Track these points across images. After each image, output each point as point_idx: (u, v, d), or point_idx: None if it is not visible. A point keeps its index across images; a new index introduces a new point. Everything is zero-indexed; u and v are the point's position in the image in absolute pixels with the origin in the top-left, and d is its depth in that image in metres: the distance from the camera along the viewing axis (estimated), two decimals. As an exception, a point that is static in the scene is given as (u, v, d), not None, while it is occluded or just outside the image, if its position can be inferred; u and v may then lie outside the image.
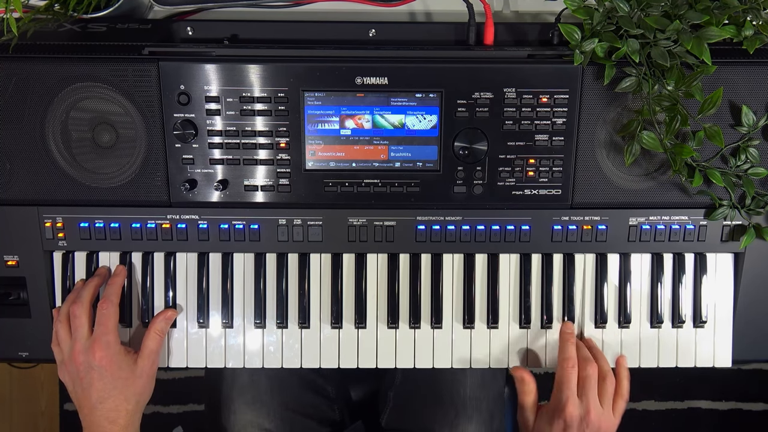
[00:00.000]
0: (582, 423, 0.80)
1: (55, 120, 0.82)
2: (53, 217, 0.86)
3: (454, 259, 0.90)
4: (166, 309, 0.88)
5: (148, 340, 0.84)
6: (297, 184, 0.85)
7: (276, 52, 0.82)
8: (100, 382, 0.79)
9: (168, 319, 0.87)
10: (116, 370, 0.80)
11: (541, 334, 0.90)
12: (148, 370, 0.83)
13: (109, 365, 0.79)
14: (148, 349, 0.84)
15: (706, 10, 0.74)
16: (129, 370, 0.81)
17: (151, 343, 0.84)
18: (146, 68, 0.80)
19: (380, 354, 0.90)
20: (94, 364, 0.79)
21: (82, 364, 0.79)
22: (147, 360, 0.83)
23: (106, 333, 0.80)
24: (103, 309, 0.81)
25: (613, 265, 0.90)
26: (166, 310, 0.88)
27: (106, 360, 0.79)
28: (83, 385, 0.80)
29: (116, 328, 0.81)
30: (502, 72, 0.81)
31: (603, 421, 0.81)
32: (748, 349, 0.91)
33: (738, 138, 0.83)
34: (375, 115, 0.83)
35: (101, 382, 0.79)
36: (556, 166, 0.84)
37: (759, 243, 0.86)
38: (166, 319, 0.86)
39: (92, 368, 0.79)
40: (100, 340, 0.79)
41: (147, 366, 0.83)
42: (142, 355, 0.83)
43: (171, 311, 0.88)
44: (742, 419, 1.79)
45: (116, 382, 0.80)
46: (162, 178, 0.84)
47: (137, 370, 0.81)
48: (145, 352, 0.83)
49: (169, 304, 0.89)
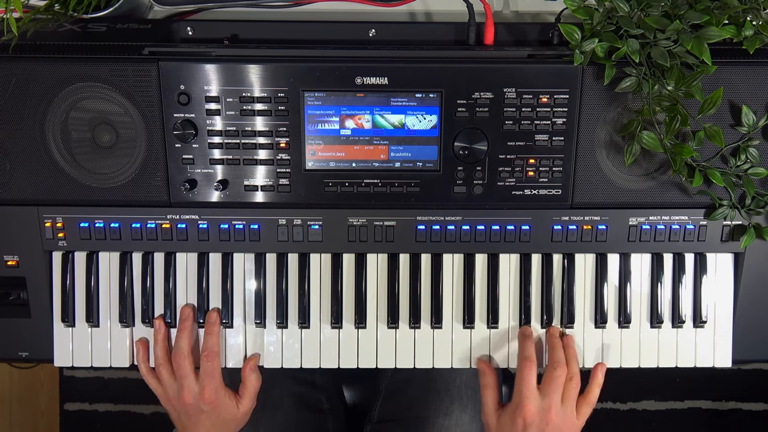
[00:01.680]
0: (542, 422, 0.80)
1: (55, 120, 0.82)
2: (53, 217, 0.86)
3: (454, 259, 0.90)
4: (249, 358, 0.89)
5: (246, 390, 0.89)
6: (297, 184, 0.85)
7: (276, 52, 0.82)
8: (208, 422, 0.86)
9: (253, 368, 0.89)
10: (224, 412, 0.87)
11: (541, 334, 0.90)
12: (247, 411, 0.90)
13: (217, 409, 0.86)
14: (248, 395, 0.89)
15: (706, 10, 0.74)
16: (233, 411, 0.88)
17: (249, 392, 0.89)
18: (146, 68, 0.80)
19: (380, 354, 0.90)
20: (204, 408, 0.86)
21: (191, 406, 0.86)
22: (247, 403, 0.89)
23: (213, 382, 0.86)
24: (209, 361, 0.86)
25: (613, 265, 0.90)
26: (249, 359, 0.89)
27: (215, 404, 0.86)
28: (192, 421, 0.87)
29: (221, 374, 0.87)
30: (502, 72, 0.81)
31: (564, 421, 0.81)
32: (748, 349, 0.91)
33: (738, 138, 0.83)
34: (375, 115, 0.83)
35: (209, 421, 0.86)
36: (556, 166, 0.84)
37: (759, 243, 0.86)
38: (251, 368, 0.89)
39: (201, 411, 0.86)
40: (209, 388, 0.85)
41: (246, 408, 0.90)
42: (243, 400, 0.89)
43: (255, 358, 0.89)
44: (742, 419, 1.80)
45: (221, 423, 0.87)
46: (162, 178, 0.84)
47: (239, 414, 0.89)
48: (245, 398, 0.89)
49: (169, 305, 0.89)
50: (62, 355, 0.90)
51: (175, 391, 0.86)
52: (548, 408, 0.80)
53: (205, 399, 0.85)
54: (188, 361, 0.86)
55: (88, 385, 1.78)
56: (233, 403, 0.87)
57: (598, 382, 0.86)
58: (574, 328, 0.90)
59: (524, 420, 0.80)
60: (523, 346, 0.86)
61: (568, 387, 0.83)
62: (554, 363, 0.83)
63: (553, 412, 0.80)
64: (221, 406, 0.86)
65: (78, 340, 0.90)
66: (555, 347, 0.86)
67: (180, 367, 0.85)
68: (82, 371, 1.77)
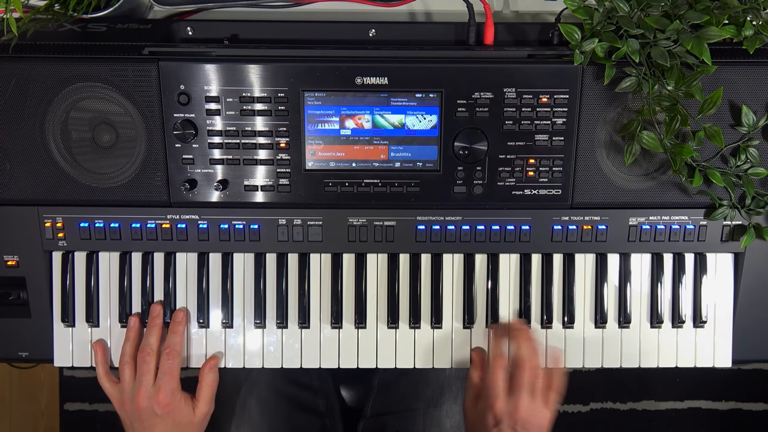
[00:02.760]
0: (510, 418, 0.81)
1: (55, 120, 0.82)
2: (53, 217, 0.86)
3: (454, 259, 0.90)
4: (210, 357, 0.89)
5: (202, 392, 0.87)
6: (297, 184, 0.85)
7: (276, 52, 0.82)
8: (162, 426, 0.84)
9: (212, 368, 0.88)
10: (178, 416, 0.85)
11: (541, 334, 0.90)
12: (204, 416, 0.88)
13: (172, 413, 0.84)
14: (204, 398, 0.87)
15: (706, 10, 0.74)
16: (189, 416, 0.86)
17: (205, 393, 0.87)
18: (146, 68, 0.80)
19: (380, 354, 0.90)
20: (158, 411, 0.83)
21: (145, 410, 0.83)
22: (204, 407, 0.87)
23: (171, 383, 0.84)
24: (170, 359, 0.85)
25: (613, 265, 0.90)
26: (210, 358, 0.88)
27: (170, 407, 0.83)
28: (144, 426, 0.84)
29: (179, 376, 0.85)
30: (502, 72, 0.81)
31: (533, 415, 0.82)
32: (748, 349, 0.91)
33: (738, 138, 0.83)
34: (375, 115, 0.83)
35: (163, 426, 0.84)
36: (556, 166, 0.84)
37: (759, 243, 0.86)
38: (211, 367, 0.88)
39: (155, 414, 0.83)
40: (165, 389, 0.83)
41: (203, 412, 0.87)
42: (198, 403, 0.87)
43: (214, 359, 0.89)
44: (742, 419, 1.79)
45: (177, 427, 0.85)
46: (162, 178, 0.84)
47: (195, 418, 0.86)
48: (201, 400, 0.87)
49: (169, 305, 0.89)
50: (62, 355, 0.90)
51: (130, 392, 0.84)
52: (516, 404, 0.81)
53: (160, 401, 0.83)
54: (154, 358, 0.85)
55: (88, 385, 1.78)
56: (189, 407, 0.86)
57: (560, 369, 0.87)
58: (574, 328, 0.90)
59: (495, 417, 0.82)
60: (493, 343, 0.88)
61: (534, 380, 0.84)
62: (517, 359, 0.84)
63: (522, 408, 0.81)
64: (176, 410, 0.84)
65: (78, 340, 0.90)
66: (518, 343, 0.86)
67: (144, 362, 0.84)
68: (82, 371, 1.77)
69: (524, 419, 0.81)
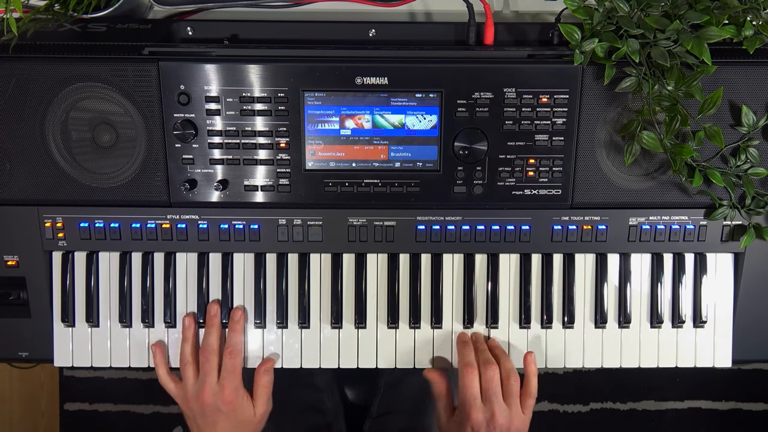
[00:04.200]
0: (489, 426, 0.81)
1: (55, 120, 0.82)
2: (53, 217, 0.86)
3: (454, 259, 0.90)
4: (265, 360, 0.89)
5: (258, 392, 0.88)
6: (297, 184, 0.85)
7: (276, 52, 0.82)
8: (225, 422, 0.85)
9: (267, 370, 0.88)
10: (240, 413, 0.86)
11: (541, 334, 0.90)
12: (263, 414, 0.89)
13: (235, 410, 0.85)
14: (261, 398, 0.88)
15: (706, 10, 0.74)
16: (250, 413, 0.87)
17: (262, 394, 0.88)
18: (146, 68, 0.80)
19: (380, 354, 0.90)
20: (223, 408, 0.85)
21: (209, 406, 0.85)
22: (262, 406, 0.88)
23: (234, 380, 0.85)
24: (232, 358, 0.86)
25: (613, 265, 0.90)
26: (265, 361, 0.89)
27: (234, 404, 0.85)
28: (207, 422, 0.86)
29: (241, 374, 0.86)
30: (502, 72, 0.81)
31: (510, 421, 0.82)
32: (748, 349, 0.91)
33: (738, 138, 0.83)
34: (375, 115, 0.83)
35: (227, 422, 0.85)
36: (556, 166, 0.84)
37: (759, 243, 0.86)
38: (266, 370, 0.88)
39: (219, 411, 0.85)
40: (229, 387, 0.85)
41: (262, 411, 0.89)
42: (257, 403, 0.88)
43: (270, 361, 0.89)
44: (742, 419, 1.80)
45: (239, 425, 0.87)
46: (162, 178, 0.84)
47: (255, 417, 0.88)
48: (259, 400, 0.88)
49: (169, 305, 0.89)
50: (62, 355, 0.90)
51: (195, 390, 0.86)
52: (492, 412, 0.81)
53: (225, 398, 0.84)
54: (216, 357, 0.86)
55: (88, 385, 1.78)
56: (250, 405, 0.87)
57: (533, 371, 0.87)
58: (574, 328, 0.90)
59: (472, 427, 0.81)
60: (462, 352, 0.86)
61: (507, 385, 0.83)
62: (485, 364, 0.83)
63: (498, 415, 0.81)
64: (239, 407, 0.86)
65: (78, 340, 0.90)
66: (481, 350, 0.86)
67: (208, 362, 0.85)
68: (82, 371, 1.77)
69: (502, 426, 0.80)
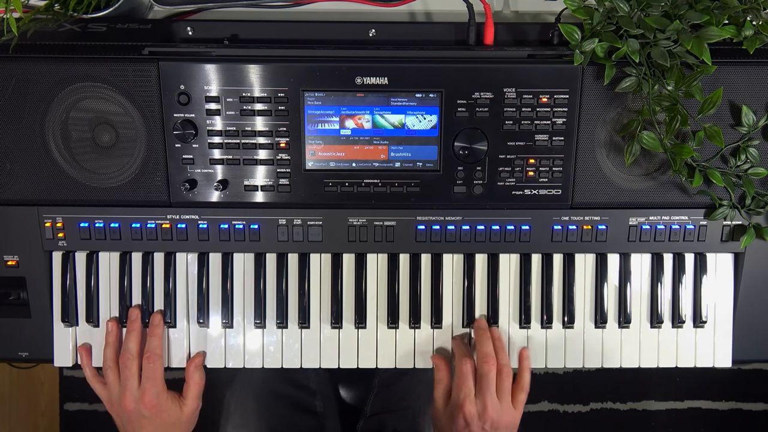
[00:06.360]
0: (480, 419, 0.82)
1: (55, 120, 0.82)
2: (53, 217, 0.86)
3: (454, 259, 0.90)
4: (194, 356, 0.89)
5: (189, 390, 0.88)
6: (297, 184, 0.85)
7: (276, 52, 0.82)
8: (150, 427, 0.85)
9: (198, 367, 0.89)
10: (165, 416, 0.86)
11: (541, 334, 0.90)
12: (192, 413, 0.89)
13: (160, 413, 0.85)
14: (191, 396, 0.88)
15: (706, 10, 0.74)
16: (176, 414, 0.87)
17: (192, 391, 0.88)
18: (146, 68, 0.80)
19: (380, 354, 0.90)
20: (145, 413, 0.84)
21: (132, 412, 0.85)
22: (192, 404, 0.88)
23: (155, 385, 0.85)
24: (151, 363, 0.85)
25: (613, 265, 0.90)
26: (194, 357, 0.89)
27: (156, 409, 0.85)
28: (134, 426, 0.85)
29: (163, 377, 0.86)
30: (502, 72, 0.81)
31: (502, 415, 0.82)
32: (748, 349, 0.91)
33: (738, 138, 0.83)
34: (375, 115, 0.83)
35: (152, 426, 0.85)
36: (556, 166, 0.84)
37: (759, 243, 0.86)
38: (196, 366, 0.89)
39: (143, 416, 0.84)
40: (150, 392, 0.84)
41: (191, 410, 0.88)
42: (186, 401, 0.88)
43: (198, 357, 0.89)
44: (742, 419, 1.79)
45: (166, 427, 0.86)
46: (162, 178, 0.84)
47: (183, 416, 0.87)
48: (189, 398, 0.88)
49: (169, 305, 0.89)
50: (62, 355, 0.90)
51: (117, 395, 0.86)
52: (485, 406, 0.82)
53: (146, 403, 0.84)
54: (135, 363, 0.85)
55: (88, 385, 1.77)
56: (176, 406, 0.87)
57: (526, 366, 0.88)
58: (574, 328, 0.90)
59: (464, 419, 0.82)
60: (459, 346, 0.87)
61: (500, 379, 0.84)
62: (483, 358, 0.84)
63: (490, 409, 0.82)
64: (163, 411, 0.85)
65: (78, 340, 0.90)
66: (482, 341, 0.86)
67: (126, 368, 0.85)
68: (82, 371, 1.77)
69: (493, 419, 0.81)
